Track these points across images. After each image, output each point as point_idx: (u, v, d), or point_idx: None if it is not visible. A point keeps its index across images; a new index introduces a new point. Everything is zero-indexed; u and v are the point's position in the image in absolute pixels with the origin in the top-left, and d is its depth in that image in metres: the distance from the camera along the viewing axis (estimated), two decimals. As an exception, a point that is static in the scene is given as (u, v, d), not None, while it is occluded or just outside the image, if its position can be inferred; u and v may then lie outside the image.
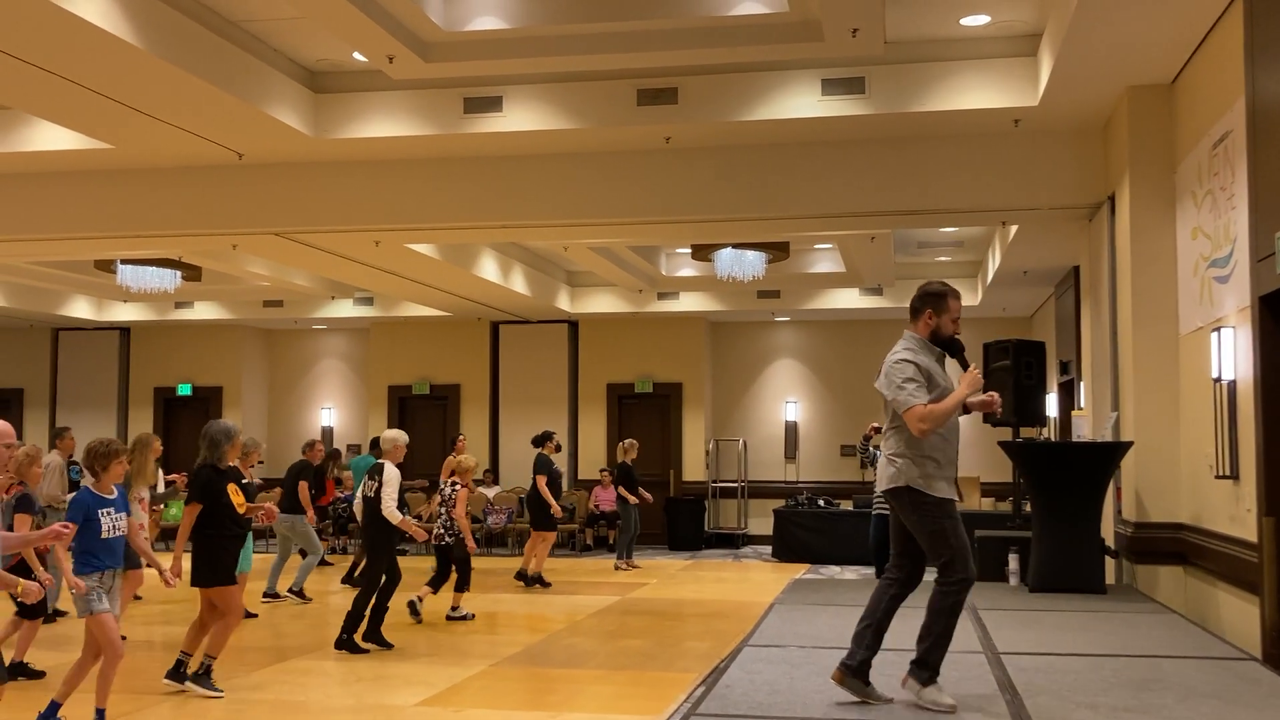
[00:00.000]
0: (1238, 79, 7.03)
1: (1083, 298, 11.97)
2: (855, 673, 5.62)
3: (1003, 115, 9.93)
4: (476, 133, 10.48)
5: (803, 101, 10.02)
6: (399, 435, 9.61)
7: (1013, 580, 9.94)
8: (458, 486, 10.88)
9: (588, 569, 15.14)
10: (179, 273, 15.11)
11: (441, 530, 10.74)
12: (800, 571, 15.08)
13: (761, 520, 19.00)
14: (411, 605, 10.50)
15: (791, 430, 19.83)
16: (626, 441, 15.63)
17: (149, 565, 7.45)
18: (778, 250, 14.00)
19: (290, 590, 12.00)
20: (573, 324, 19.68)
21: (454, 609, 10.74)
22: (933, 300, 5.75)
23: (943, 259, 16.98)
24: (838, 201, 10.80)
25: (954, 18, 9.24)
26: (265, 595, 11.98)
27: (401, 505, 9.33)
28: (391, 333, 20.24)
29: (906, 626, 5.78)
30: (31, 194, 11.91)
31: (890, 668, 5.87)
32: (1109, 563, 9.74)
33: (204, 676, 7.45)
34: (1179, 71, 8.67)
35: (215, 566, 7.49)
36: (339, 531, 17.51)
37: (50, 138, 10.93)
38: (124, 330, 20.98)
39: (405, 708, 7.11)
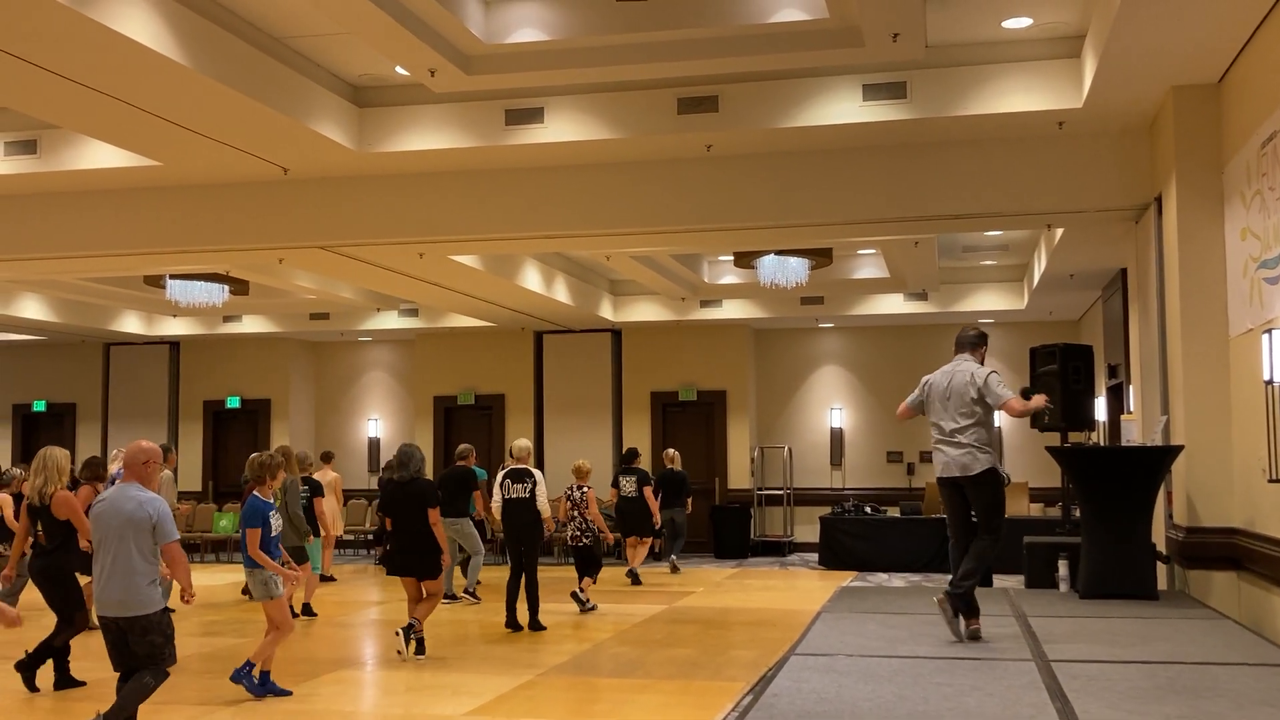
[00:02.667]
0: (1286, 77, 6.94)
1: (1130, 300, 11.84)
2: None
3: (1046, 118, 9.85)
4: (518, 144, 10.52)
5: (844, 107, 9.99)
6: (528, 444, 11.08)
7: (1062, 587, 9.85)
8: (585, 489, 12.02)
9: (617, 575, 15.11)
10: (227, 287, 15.27)
11: (578, 532, 11.92)
12: (847, 579, 15.01)
13: (808, 527, 18.93)
14: (575, 595, 11.72)
15: (837, 437, 19.74)
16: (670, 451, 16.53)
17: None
18: (821, 256, 13.95)
19: (465, 591, 12.84)
20: (616, 333, 19.70)
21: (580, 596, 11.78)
22: (984, 340, 7.85)
23: (988, 263, 16.86)
24: (881, 207, 10.76)
25: (996, 20, 9.18)
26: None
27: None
28: (436, 344, 20.36)
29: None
30: (82, 212, 12.09)
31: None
32: (1160, 568, 9.62)
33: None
34: (1225, 71, 8.57)
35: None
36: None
37: (99, 156, 11.09)
38: (173, 344, 21.23)
39: (453, 718, 7.14)
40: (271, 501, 7.98)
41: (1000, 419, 11.09)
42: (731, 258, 15.23)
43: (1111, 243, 12.11)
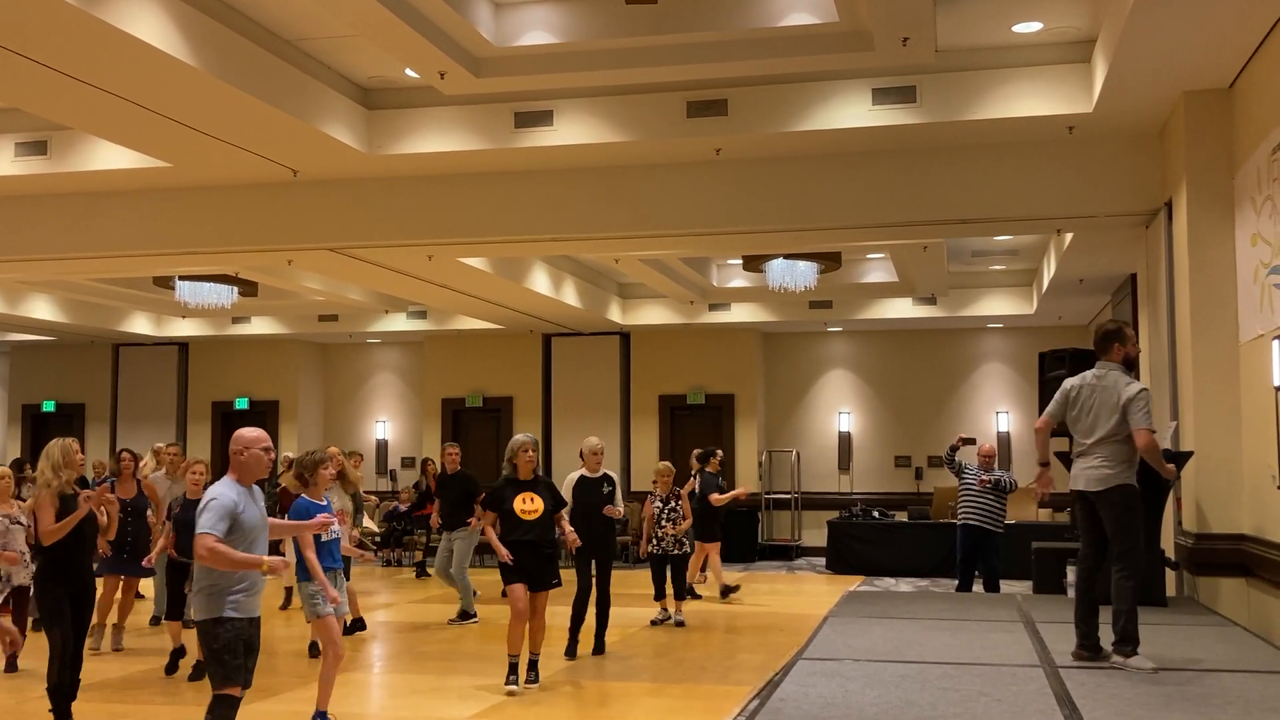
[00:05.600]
0: (1297, 83, 6.92)
1: (1140, 306, 11.81)
2: (1088, 648, 6.70)
3: (1056, 122, 9.83)
4: (527, 147, 10.53)
5: (853, 111, 9.98)
6: (595, 442, 9.93)
7: (1070, 592, 9.81)
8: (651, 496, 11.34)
9: (640, 581, 15.09)
10: (235, 288, 15.29)
11: (656, 542, 11.22)
12: (855, 583, 14.99)
13: (815, 532, 18.89)
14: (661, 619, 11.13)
15: (845, 441, 19.71)
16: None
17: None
18: (829, 260, 13.94)
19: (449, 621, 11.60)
20: (624, 336, 19.70)
21: (674, 614, 11.16)
22: (1118, 336, 6.83)
23: (997, 268, 16.84)
24: (890, 211, 10.74)
25: (1006, 25, 9.16)
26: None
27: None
28: (445, 346, 20.38)
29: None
30: (91, 213, 12.11)
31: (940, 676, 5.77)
32: (1169, 575, 9.59)
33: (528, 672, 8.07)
34: (1236, 75, 8.55)
35: (505, 568, 8.10)
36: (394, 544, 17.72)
37: (109, 157, 11.11)
38: (182, 345, 21.28)
39: (459, 720, 7.13)
40: (320, 503, 7.04)
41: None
42: (740, 261, 15.21)
43: (1121, 248, 12.07)
